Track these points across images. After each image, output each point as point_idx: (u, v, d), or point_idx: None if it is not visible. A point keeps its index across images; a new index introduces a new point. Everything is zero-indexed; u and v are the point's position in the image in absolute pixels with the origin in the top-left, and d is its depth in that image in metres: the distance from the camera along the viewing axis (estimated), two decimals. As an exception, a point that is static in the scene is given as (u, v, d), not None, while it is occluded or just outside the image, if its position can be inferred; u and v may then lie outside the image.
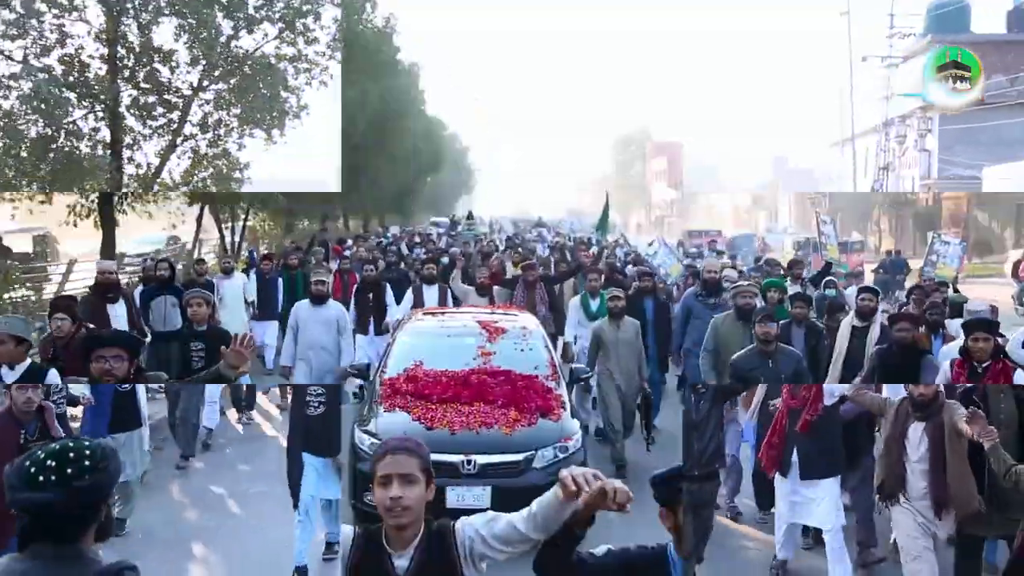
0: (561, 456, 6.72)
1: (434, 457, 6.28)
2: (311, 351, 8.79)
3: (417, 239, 23.42)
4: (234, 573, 6.36)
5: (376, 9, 19.82)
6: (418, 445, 2.91)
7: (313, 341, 8.79)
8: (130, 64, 13.09)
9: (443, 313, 9.19)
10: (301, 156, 16.74)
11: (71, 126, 13.60)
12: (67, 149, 13.57)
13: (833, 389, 6.27)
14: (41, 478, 2.10)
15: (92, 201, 14.64)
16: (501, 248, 20.13)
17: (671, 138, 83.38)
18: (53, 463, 2.12)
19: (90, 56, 12.42)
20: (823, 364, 8.27)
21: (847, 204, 42.93)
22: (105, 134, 13.95)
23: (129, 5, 12.73)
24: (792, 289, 10.06)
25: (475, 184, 77.84)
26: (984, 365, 6.05)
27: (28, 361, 5.74)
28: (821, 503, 5.97)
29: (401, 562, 2.82)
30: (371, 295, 11.09)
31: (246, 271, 13.64)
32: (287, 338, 9.22)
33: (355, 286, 11.76)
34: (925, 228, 36.52)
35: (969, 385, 5.81)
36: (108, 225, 14.57)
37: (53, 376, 5.65)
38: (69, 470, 2.12)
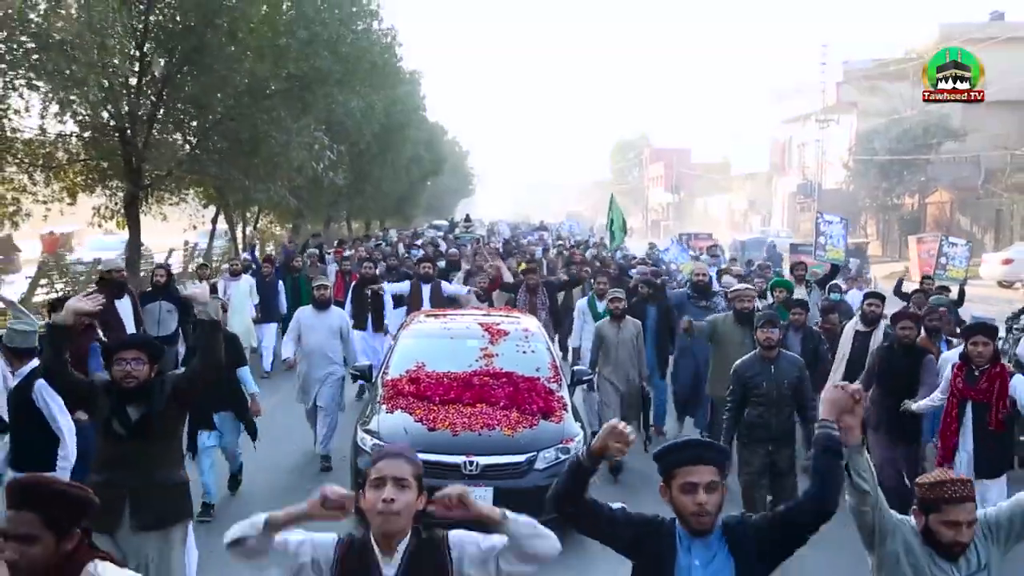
0: (563, 457, 6.59)
1: (436, 458, 6.37)
2: (313, 356, 8.68)
3: (419, 242, 23.27)
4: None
5: (381, 23, 19.98)
6: (414, 454, 2.87)
7: (316, 347, 8.67)
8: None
9: (445, 315, 9.07)
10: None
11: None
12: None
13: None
14: None
15: (116, 203, 14.99)
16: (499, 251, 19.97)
17: (669, 144, 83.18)
18: None
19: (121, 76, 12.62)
20: (823, 368, 8.11)
21: (836, 206, 43.02)
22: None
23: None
24: (797, 292, 9.94)
25: (475, 188, 77.66)
26: (982, 368, 5.97)
27: (35, 362, 5.55)
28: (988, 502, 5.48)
29: (388, 569, 2.72)
30: (368, 292, 11.00)
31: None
32: (287, 337, 9.09)
33: (353, 283, 11.68)
34: (910, 231, 36.90)
35: None
36: (134, 225, 14.87)
37: (40, 387, 5.37)
38: None
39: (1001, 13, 41.99)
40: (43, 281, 15.10)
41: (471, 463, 6.40)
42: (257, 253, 15.90)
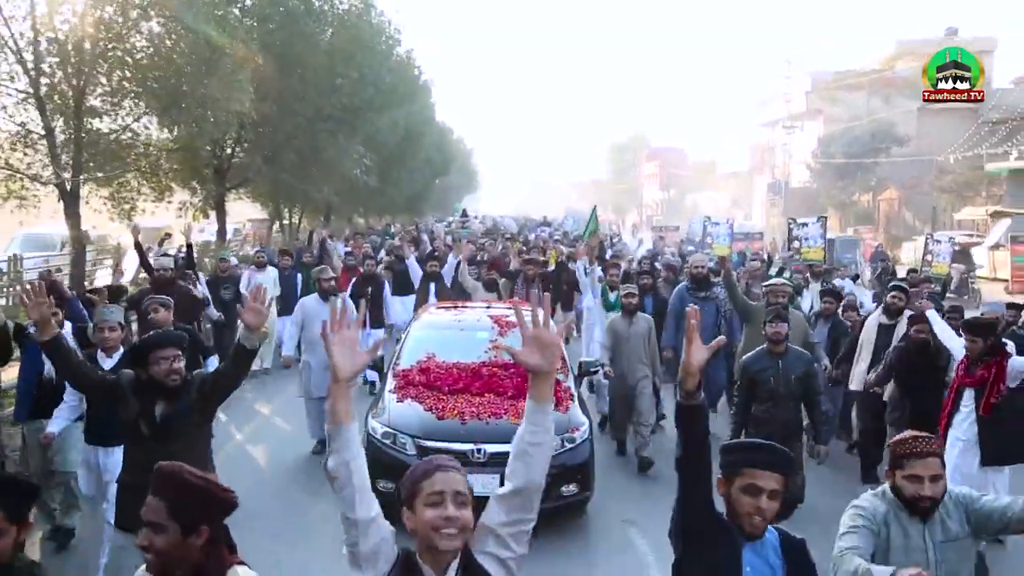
0: (568, 446, 6.11)
1: (444, 445, 5.77)
2: (318, 346, 7.99)
3: (426, 237, 22.61)
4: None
5: (400, 45, 21.99)
6: (462, 466, 2.30)
7: (319, 337, 7.95)
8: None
9: (456, 307, 8.46)
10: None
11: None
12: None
13: (1018, 366, 5.40)
14: None
15: (200, 202, 16.73)
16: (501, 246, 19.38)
17: (664, 143, 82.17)
18: None
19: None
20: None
21: (802, 202, 43.13)
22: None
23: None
24: (813, 285, 9.41)
25: (479, 184, 76.60)
26: (982, 360, 5.45)
27: (122, 350, 5.18)
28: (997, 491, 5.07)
29: None
30: (369, 288, 10.39)
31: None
32: (290, 331, 8.46)
33: (353, 280, 11.00)
34: (864, 223, 38.63)
35: None
36: (221, 218, 17.75)
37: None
38: None
39: (955, 29, 41.62)
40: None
41: (478, 451, 5.89)
42: (267, 249, 15.48)
